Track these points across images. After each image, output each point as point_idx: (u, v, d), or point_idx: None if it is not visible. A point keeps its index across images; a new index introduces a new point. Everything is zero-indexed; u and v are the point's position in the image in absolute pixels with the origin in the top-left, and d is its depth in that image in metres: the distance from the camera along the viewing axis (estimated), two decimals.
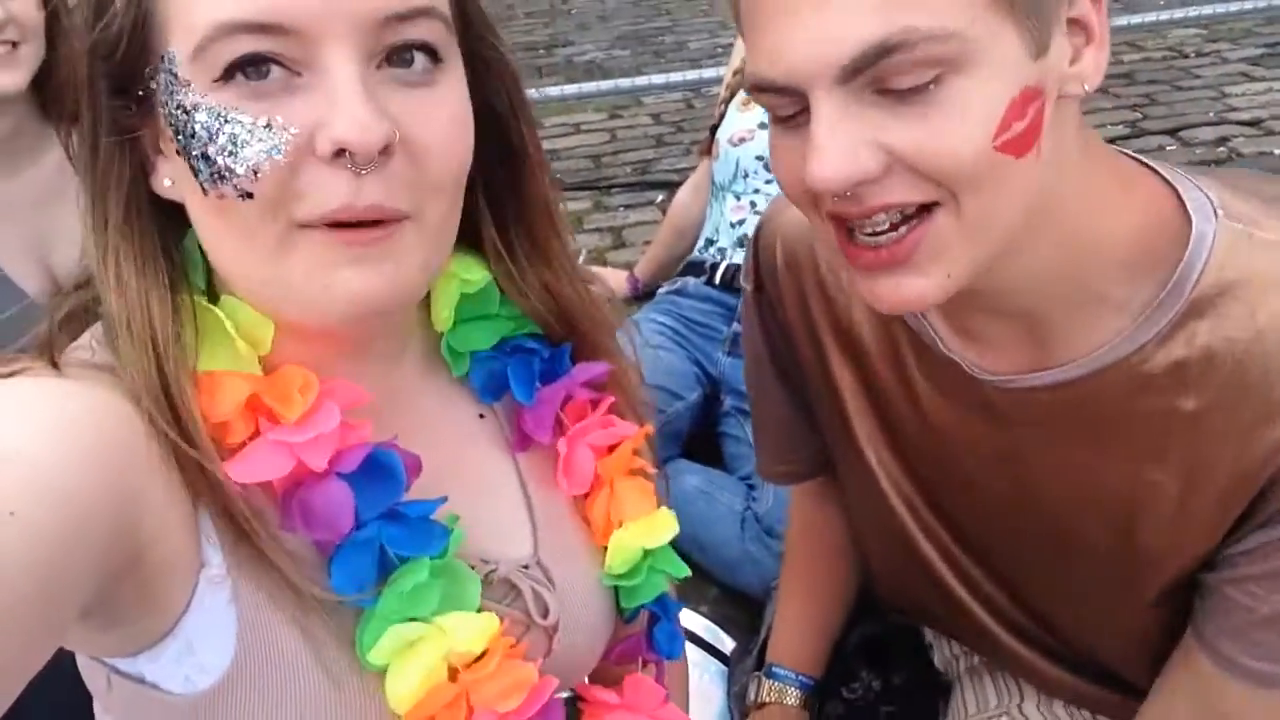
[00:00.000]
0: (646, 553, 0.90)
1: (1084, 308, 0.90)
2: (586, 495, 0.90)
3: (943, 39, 0.73)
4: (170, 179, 0.72)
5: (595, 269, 2.52)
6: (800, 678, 1.37)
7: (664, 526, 0.91)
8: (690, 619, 1.64)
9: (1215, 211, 0.88)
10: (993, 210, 0.80)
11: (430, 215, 0.72)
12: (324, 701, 0.73)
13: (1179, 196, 0.90)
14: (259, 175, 0.66)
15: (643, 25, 6.11)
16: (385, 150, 0.66)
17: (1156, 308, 0.88)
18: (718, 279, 2.37)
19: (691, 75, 4.83)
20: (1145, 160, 0.94)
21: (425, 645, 0.74)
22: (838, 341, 1.10)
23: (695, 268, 2.47)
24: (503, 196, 0.84)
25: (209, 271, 0.76)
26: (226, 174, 0.66)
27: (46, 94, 1.48)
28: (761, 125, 2.29)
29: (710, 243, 2.47)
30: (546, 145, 0.86)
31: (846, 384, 1.12)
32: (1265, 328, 0.85)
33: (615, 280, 2.83)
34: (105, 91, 0.70)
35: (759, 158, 2.31)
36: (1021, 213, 0.82)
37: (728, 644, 1.64)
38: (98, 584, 0.63)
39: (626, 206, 3.82)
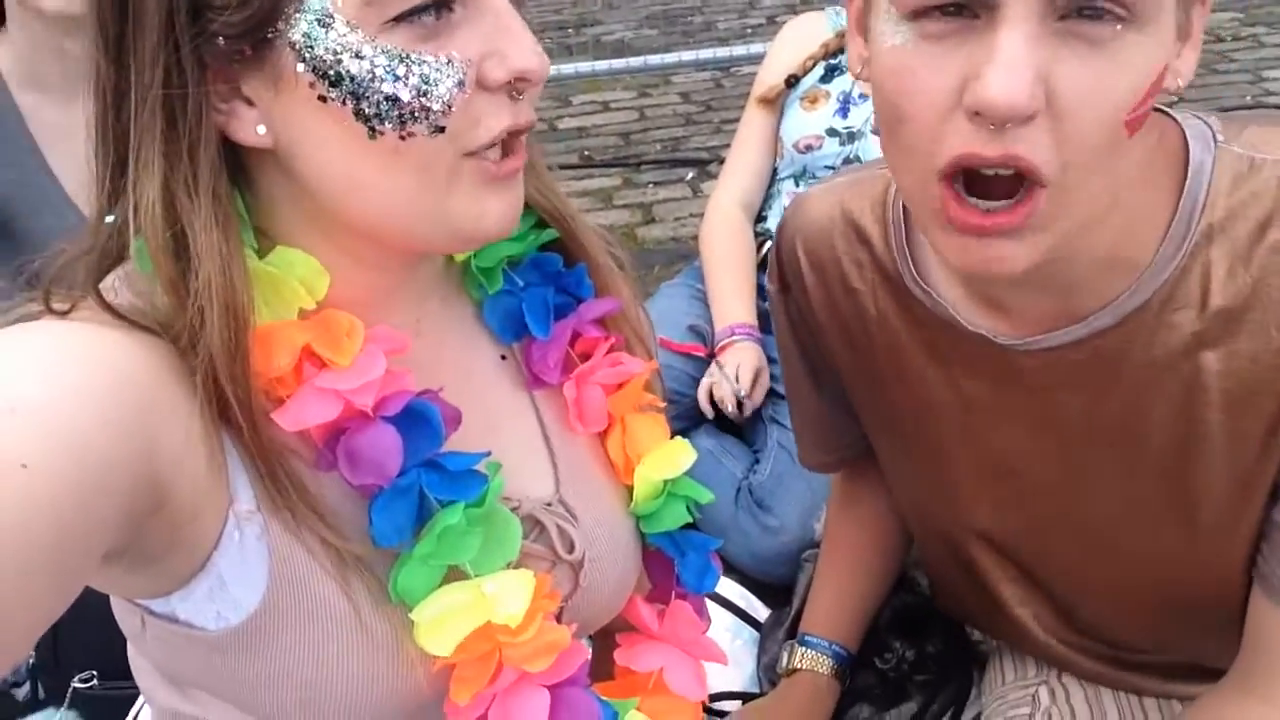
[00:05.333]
0: (666, 481, 0.91)
1: (1110, 267, 0.89)
2: (604, 434, 0.91)
3: None
4: (265, 125, 0.70)
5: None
6: (834, 647, 1.36)
7: (681, 455, 0.92)
8: (725, 586, 1.64)
9: (1215, 138, 0.88)
10: (1090, 189, 0.78)
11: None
12: (353, 638, 0.74)
13: (1181, 129, 0.90)
14: (452, 109, 0.68)
15: (671, 5, 6.07)
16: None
17: (1167, 243, 0.87)
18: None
19: (722, 53, 4.80)
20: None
21: (468, 614, 0.74)
22: (869, 336, 1.09)
23: None
24: None
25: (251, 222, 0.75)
26: (421, 113, 0.68)
27: None
28: (830, 131, 2.18)
29: (761, 219, 2.42)
30: (575, 122, 0.92)
31: (886, 377, 1.11)
32: (1276, 242, 0.85)
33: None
34: (223, 37, 0.66)
35: (829, 167, 2.24)
36: (1109, 199, 0.80)
37: (761, 611, 1.63)
38: (120, 530, 0.63)
39: (656, 183, 3.81)
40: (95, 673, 1.43)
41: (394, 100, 0.67)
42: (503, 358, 0.90)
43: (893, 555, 1.39)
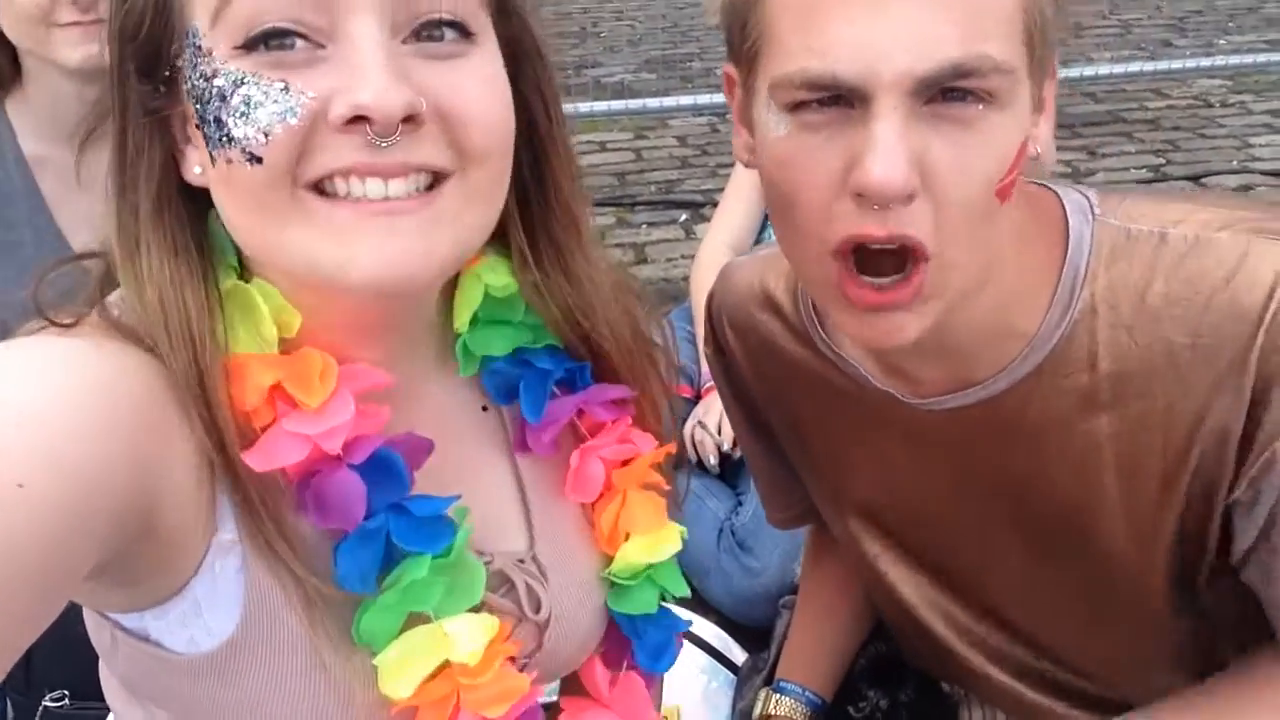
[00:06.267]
0: (647, 565, 0.89)
1: (998, 335, 0.94)
2: (597, 501, 0.90)
3: (1006, 73, 0.77)
4: (200, 165, 0.71)
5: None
6: (809, 694, 1.36)
7: (668, 542, 0.90)
8: (702, 627, 1.64)
9: (1092, 210, 0.93)
10: (969, 258, 0.83)
11: (475, 177, 0.70)
12: (317, 676, 0.74)
13: (1060, 202, 0.95)
14: (269, 138, 0.64)
15: (670, 50, 6.15)
16: (411, 119, 0.65)
17: (1052, 310, 0.92)
18: None
19: (719, 98, 4.84)
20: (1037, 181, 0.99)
21: (428, 653, 0.74)
22: (792, 395, 1.13)
23: None
24: (530, 197, 0.82)
25: (238, 251, 0.75)
26: (236, 136, 0.65)
27: None
28: None
29: None
30: None
31: (809, 433, 1.15)
32: (1158, 310, 0.88)
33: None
34: (133, 74, 0.69)
35: None
36: (985, 266, 0.86)
37: (738, 654, 1.63)
38: (107, 550, 0.63)
39: (650, 224, 3.85)
40: (66, 693, 1.42)
41: (218, 121, 0.66)
42: (484, 408, 0.89)
43: (866, 604, 1.40)
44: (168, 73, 0.69)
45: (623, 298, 0.89)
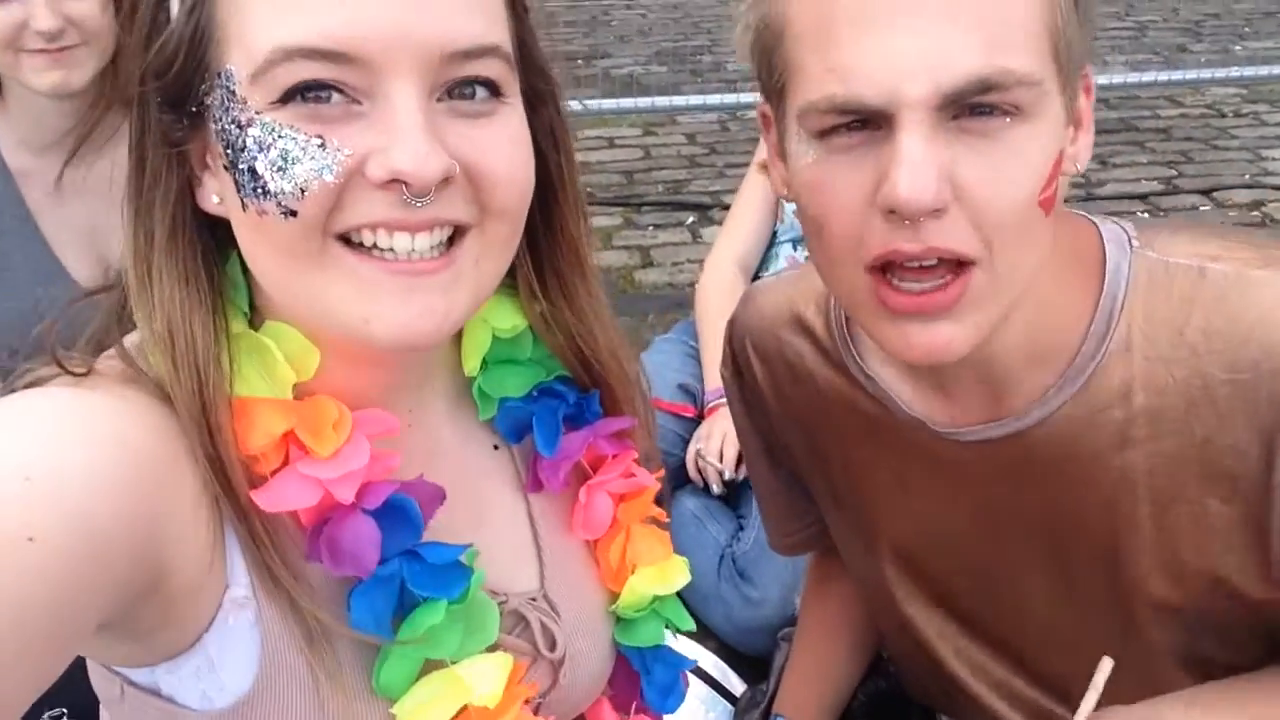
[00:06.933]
0: (655, 598, 0.91)
1: (1035, 361, 0.94)
2: (601, 537, 0.91)
3: (1030, 85, 0.77)
4: (218, 195, 0.72)
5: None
6: None
7: (676, 575, 0.92)
8: (701, 656, 1.64)
9: (1130, 242, 0.93)
10: (1019, 266, 0.83)
11: (493, 229, 0.72)
12: None
13: (1098, 232, 0.95)
14: (305, 194, 0.66)
15: (681, 42, 6.13)
16: (445, 182, 0.67)
17: (1088, 340, 0.91)
18: None
19: (729, 98, 4.82)
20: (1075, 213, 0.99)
21: (447, 699, 0.74)
22: (816, 420, 1.13)
23: None
24: (537, 233, 0.84)
25: (251, 294, 0.76)
26: (272, 190, 0.66)
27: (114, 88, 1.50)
28: None
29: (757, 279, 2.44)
30: (579, 157, 0.86)
31: (831, 458, 1.14)
32: (1197, 345, 0.88)
33: None
34: (156, 105, 0.70)
35: None
36: (1034, 273, 0.86)
37: (736, 685, 1.63)
38: (116, 604, 0.63)
39: (656, 226, 3.83)
40: (65, 710, 1.42)
41: (253, 173, 0.66)
42: (495, 448, 0.90)
43: (866, 635, 1.39)
44: (194, 108, 0.70)
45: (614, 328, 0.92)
